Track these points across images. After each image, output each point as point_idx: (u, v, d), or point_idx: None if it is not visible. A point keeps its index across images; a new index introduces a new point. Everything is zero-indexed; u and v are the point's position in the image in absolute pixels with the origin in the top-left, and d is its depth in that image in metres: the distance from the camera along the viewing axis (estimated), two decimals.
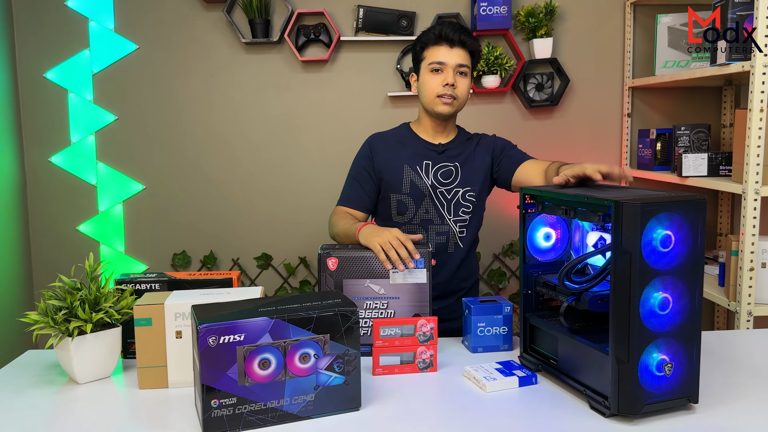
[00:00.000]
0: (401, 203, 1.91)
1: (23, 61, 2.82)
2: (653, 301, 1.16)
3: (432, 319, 1.44)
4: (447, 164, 1.93)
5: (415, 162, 1.93)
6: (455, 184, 1.92)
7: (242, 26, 2.82)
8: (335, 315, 1.21)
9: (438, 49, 1.86)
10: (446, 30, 1.86)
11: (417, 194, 1.91)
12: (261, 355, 1.17)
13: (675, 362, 1.18)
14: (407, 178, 1.91)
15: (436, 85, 1.87)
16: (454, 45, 1.86)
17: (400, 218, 1.92)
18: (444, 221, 1.91)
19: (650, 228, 1.15)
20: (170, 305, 1.36)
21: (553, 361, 1.39)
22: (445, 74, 1.85)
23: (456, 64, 1.85)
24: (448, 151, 1.95)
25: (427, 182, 1.91)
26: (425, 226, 1.91)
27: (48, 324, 1.37)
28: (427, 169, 1.92)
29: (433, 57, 1.87)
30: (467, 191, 1.92)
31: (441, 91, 1.86)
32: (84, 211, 2.89)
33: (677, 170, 2.45)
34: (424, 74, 1.89)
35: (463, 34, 1.86)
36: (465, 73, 1.88)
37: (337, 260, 1.56)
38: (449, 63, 1.85)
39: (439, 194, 1.91)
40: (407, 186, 1.91)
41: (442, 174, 1.92)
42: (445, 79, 1.85)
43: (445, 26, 1.87)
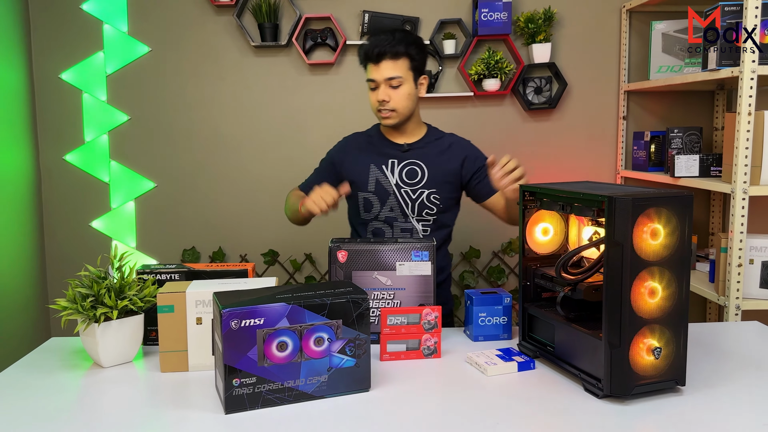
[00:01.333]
0: (367, 201, 1.97)
1: (39, 62, 2.87)
2: (643, 289, 1.23)
3: (436, 308, 1.52)
4: (412, 163, 1.97)
5: (381, 161, 1.97)
6: (421, 185, 1.95)
7: (252, 30, 2.87)
8: (347, 302, 1.29)
9: (369, 68, 1.90)
10: (368, 49, 1.87)
11: (382, 192, 1.96)
12: (279, 338, 1.25)
13: (664, 347, 1.25)
14: (373, 177, 1.96)
15: (373, 101, 1.92)
16: (378, 61, 1.87)
17: (367, 215, 1.99)
18: (408, 220, 1.96)
19: (641, 221, 1.22)
20: (191, 293, 1.43)
21: (550, 347, 1.46)
22: (378, 90, 1.90)
23: (384, 79, 1.87)
24: (414, 150, 1.98)
25: (392, 180, 1.95)
26: (390, 222, 1.96)
27: (76, 310, 1.43)
28: (393, 167, 1.96)
29: (367, 73, 1.91)
30: (432, 193, 1.95)
31: (378, 107, 1.91)
32: (97, 208, 2.95)
33: (670, 171, 2.52)
34: (368, 89, 1.95)
35: (386, 45, 1.85)
36: (398, 85, 1.88)
37: (347, 253, 1.63)
38: (378, 80, 1.88)
39: (403, 193, 1.95)
40: (373, 184, 1.96)
41: (407, 173, 1.96)
42: (378, 96, 1.89)
43: (370, 43, 1.88)
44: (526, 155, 3.00)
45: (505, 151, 2.94)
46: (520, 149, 3.00)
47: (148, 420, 1.22)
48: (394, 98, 1.89)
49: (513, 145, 3.00)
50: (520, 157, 2.90)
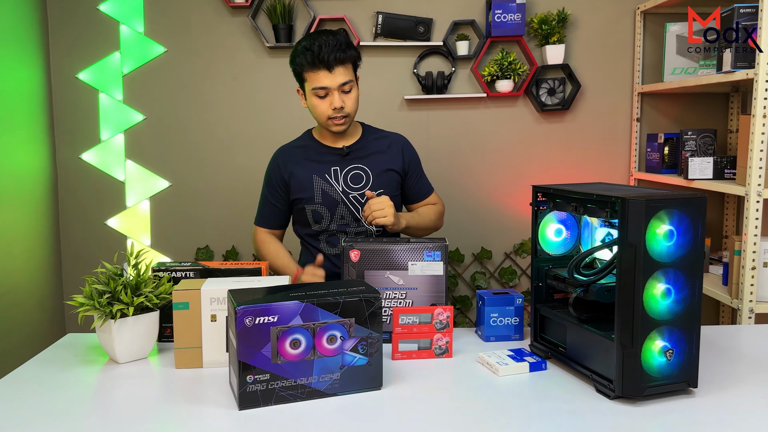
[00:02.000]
0: (316, 213, 1.94)
1: (56, 62, 2.90)
2: (656, 291, 1.23)
3: (448, 308, 1.53)
4: (355, 167, 1.94)
5: (323, 170, 1.92)
6: (367, 188, 1.93)
7: (266, 31, 2.89)
8: (360, 300, 1.30)
9: (318, 74, 1.80)
10: (321, 54, 1.77)
11: (330, 202, 1.92)
12: (292, 335, 1.26)
13: (676, 348, 1.25)
14: (318, 188, 1.92)
15: (325, 109, 1.84)
16: (332, 67, 1.79)
17: (317, 226, 1.95)
18: (360, 224, 1.95)
19: (654, 223, 1.22)
20: (206, 291, 1.44)
21: (561, 348, 1.46)
22: (330, 98, 1.82)
23: (339, 85, 1.81)
24: (354, 152, 1.96)
25: (338, 188, 1.92)
26: (343, 229, 1.95)
27: (93, 306, 1.45)
28: (336, 175, 1.93)
29: (315, 82, 1.81)
30: (380, 194, 1.93)
31: (331, 114, 1.84)
32: (112, 207, 2.97)
33: (684, 173, 2.51)
34: (311, 97, 1.85)
35: (338, 51, 1.78)
36: (350, 89, 1.84)
37: (360, 252, 1.64)
38: (332, 86, 1.81)
39: (352, 199, 1.93)
40: (319, 196, 1.92)
41: (351, 178, 1.93)
42: (332, 103, 1.82)
43: (318, 48, 1.77)
44: (540, 156, 3.00)
45: (518, 152, 2.98)
46: (533, 150, 3.00)
47: (163, 415, 1.23)
48: (348, 103, 1.85)
49: (526, 146, 3.00)
50: (533, 158, 3.00)
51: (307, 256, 2.03)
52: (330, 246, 1.97)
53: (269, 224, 2.04)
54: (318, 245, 1.98)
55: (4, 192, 2.52)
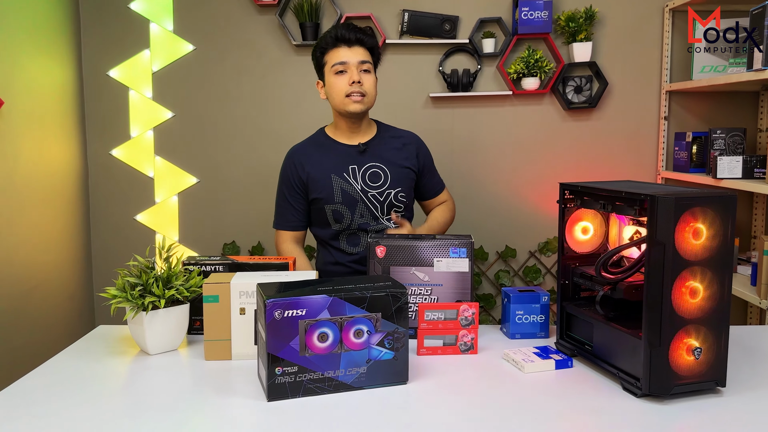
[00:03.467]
0: (336, 212, 1.94)
1: (88, 60, 2.95)
2: (684, 289, 1.23)
3: (474, 304, 1.53)
4: (373, 165, 1.95)
5: (341, 169, 1.93)
6: (386, 186, 1.94)
7: (293, 29, 2.91)
8: (387, 295, 1.31)
9: (338, 51, 1.87)
10: (341, 31, 1.87)
11: (350, 201, 1.92)
12: (320, 329, 1.27)
13: (704, 347, 1.24)
14: (337, 187, 1.92)
15: (343, 85, 1.87)
16: (352, 44, 1.87)
17: (338, 225, 1.95)
18: (379, 222, 1.96)
19: (683, 221, 1.21)
20: (236, 284, 1.46)
21: (588, 346, 1.45)
22: (350, 73, 1.87)
23: (358, 62, 1.87)
24: (370, 150, 1.96)
25: (357, 187, 1.92)
26: (363, 228, 1.95)
27: (125, 299, 1.48)
28: (354, 173, 1.93)
29: (335, 59, 1.88)
30: (398, 192, 1.95)
31: (349, 90, 1.87)
32: (141, 202, 3.01)
33: (712, 172, 2.48)
34: (329, 77, 1.90)
35: (359, 32, 1.88)
36: (368, 70, 1.89)
37: (385, 248, 1.65)
38: (351, 62, 1.87)
39: (371, 197, 1.94)
40: (339, 195, 1.92)
41: (369, 176, 1.94)
42: (350, 78, 1.86)
43: (340, 28, 1.88)
44: (565, 155, 2.99)
45: (544, 150, 2.97)
46: (559, 149, 2.99)
47: (194, 406, 1.26)
48: (367, 82, 1.88)
49: (552, 144, 2.99)
50: (559, 156, 2.99)
51: (326, 256, 2.03)
52: (350, 245, 1.98)
53: (292, 226, 2.02)
54: (338, 245, 1.98)
55: (36, 187, 2.58)
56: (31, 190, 2.53)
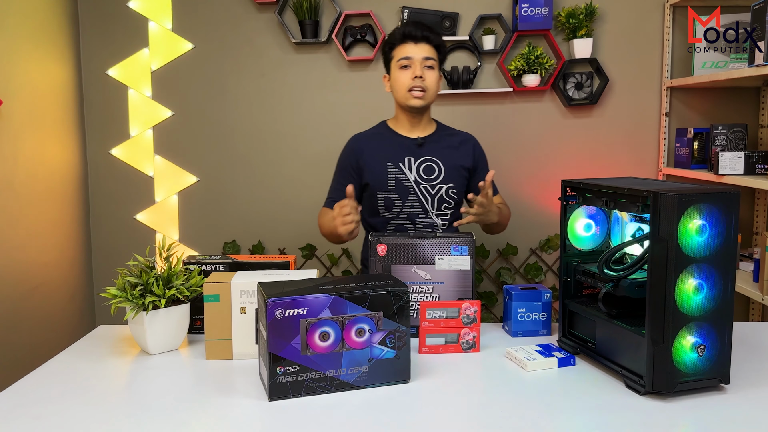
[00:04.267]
0: (388, 199, 1.98)
1: (87, 59, 2.94)
2: (687, 286, 1.22)
3: (475, 303, 1.53)
4: (428, 159, 1.99)
5: (397, 159, 1.99)
6: (439, 180, 1.98)
7: (292, 27, 2.90)
8: (388, 294, 1.31)
9: (404, 47, 1.96)
10: (410, 29, 1.95)
11: (402, 190, 1.97)
12: (321, 328, 1.27)
13: (707, 344, 1.24)
14: (391, 175, 1.98)
15: (405, 79, 1.95)
16: (418, 41, 1.95)
17: (388, 213, 2.00)
18: (428, 215, 1.99)
19: (686, 217, 1.21)
20: (236, 283, 1.46)
21: (590, 344, 1.45)
22: (413, 68, 1.94)
23: (422, 58, 1.94)
24: (427, 144, 2.02)
25: (411, 177, 1.97)
26: (412, 219, 1.98)
27: (126, 298, 1.47)
28: (410, 164, 1.99)
29: (400, 54, 1.96)
30: (450, 188, 1.99)
31: (411, 85, 1.94)
32: (141, 201, 3.01)
33: (714, 168, 2.48)
34: (395, 71, 1.98)
35: (426, 30, 1.96)
36: (432, 67, 1.96)
37: (387, 247, 1.65)
38: (416, 57, 1.94)
39: (423, 189, 1.98)
40: (392, 183, 1.97)
41: (424, 169, 1.98)
42: (413, 73, 1.94)
43: (409, 25, 1.97)
44: (566, 151, 2.98)
45: (545, 147, 2.96)
46: (560, 146, 2.98)
47: (195, 405, 1.25)
48: (429, 79, 1.95)
49: (552, 141, 2.98)
50: (560, 153, 2.98)
51: None
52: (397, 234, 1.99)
53: None
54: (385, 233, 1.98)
55: (36, 187, 2.57)
56: (30, 190, 2.53)
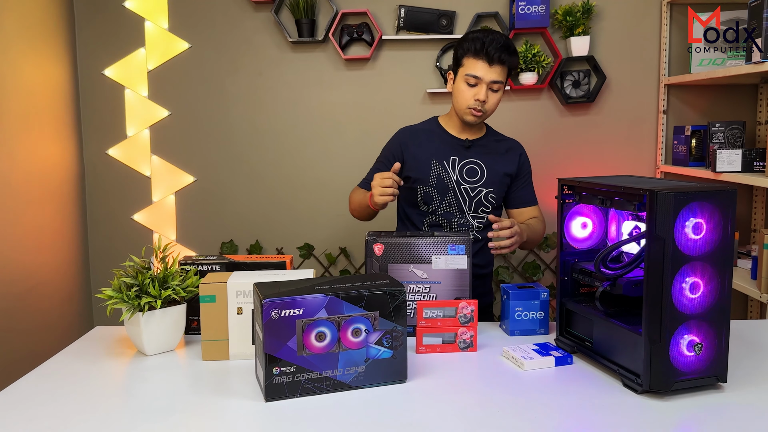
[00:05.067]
0: (427, 194, 1.97)
1: (83, 59, 2.93)
2: (684, 284, 1.22)
3: (472, 302, 1.52)
4: (472, 161, 1.97)
5: (442, 156, 1.97)
6: (480, 183, 1.96)
7: (289, 26, 2.90)
8: (385, 294, 1.30)
9: (476, 63, 1.86)
10: (489, 47, 1.84)
11: (442, 187, 1.96)
12: (317, 328, 1.26)
13: (705, 343, 1.24)
14: (434, 172, 1.96)
15: (468, 97, 1.89)
16: (493, 63, 1.85)
17: (426, 207, 1.98)
18: (464, 216, 1.97)
19: (683, 216, 1.20)
20: (232, 284, 1.45)
21: (588, 343, 1.44)
22: (479, 89, 1.87)
23: (491, 81, 1.86)
24: (475, 147, 1.99)
25: (453, 177, 1.95)
26: (448, 217, 1.97)
27: (121, 299, 1.47)
28: (454, 164, 1.96)
29: (470, 69, 1.87)
30: (490, 192, 1.97)
31: (472, 104, 1.88)
32: (138, 201, 3.00)
33: (711, 166, 2.47)
34: (460, 82, 1.91)
35: (504, 52, 1.85)
36: (497, 89, 1.89)
37: (383, 246, 1.64)
38: (485, 79, 1.86)
39: (462, 190, 1.96)
40: (434, 179, 1.95)
41: (467, 171, 1.96)
42: (477, 94, 1.87)
43: (489, 41, 1.85)
44: (564, 149, 2.97)
45: (542, 145, 2.96)
46: (558, 144, 2.97)
47: (191, 406, 1.25)
48: (491, 101, 1.90)
49: (550, 139, 2.97)
50: (557, 151, 2.98)
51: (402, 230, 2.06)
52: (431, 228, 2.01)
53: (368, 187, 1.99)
54: (420, 226, 2.01)
55: (32, 188, 2.56)
56: (27, 190, 2.52)
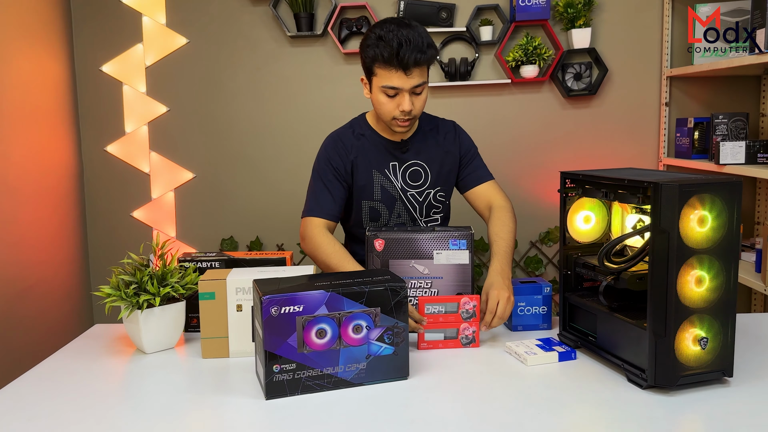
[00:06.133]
0: (374, 210, 1.83)
1: (80, 55, 2.92)
2: (689, 278, 1.20)
3: (474, 297, 1.51)
4: (414, 163, 1.82)
5: (383, 165, 1.80)
6: (426, 186, 1.83)
7: (287, 20, 2.88)
8: (386, 290, 1.29)
9: (391, 74, 1.63)
10: (401, 53, 1.59)
11: (388, 199, 1.82)
12: (318, 325, 1.25)
13: (710, 337, 1.22)
14: (377, 184, 1.81)
15: (391, 109, 1.68)
16: (409, 69, 1.61)
17: (373, 224, 1.83)
18: (416, 223, 1.86)
19: (687, 208, 1.19)
20: (232, 280, 1.44)
21: (591, 337, 1.43)
22: (400, 98, 1.66)
23: (412, 87, 1.65)
24: (412, 147, 1.83)
25: (397, 185, 1.81)
26: None
27: (120, 297, 1.45)
28: (395, 170, 1.82)
29: (385, 80, 1.64)
30: (438, 191, 1.85)
31: (398, 116, 1.69)
32: (138, 198, 2.99)
33: (715, 158, 2.45)
34: (378, 94, 1.69)
35: (419, 52, 1.60)
36: (421, 91, 1.68)
37: (384, 241, 1.62)
38: (405, 88, 1.64)
39: (410, 197, 1.83)
40: (378, 192, 1.81)
41: (410, 175, 1.82)
42: (400, 104, 1.66)
43: (398, 46, 1.59)
44: (566, 142, 2.96)
45: (544, 138, 2.95)
46: (559, 137, 2.96)
47: (192, 404, 1.24)
48: (417, 106, 1.69)
49: (552, 132, 2.96)
50: (559, 144, 2.97)
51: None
52: None
53: (327, 214, 1.77)
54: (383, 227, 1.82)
55: (31, 185, 2.55)
56: (25, 188, 2.50)
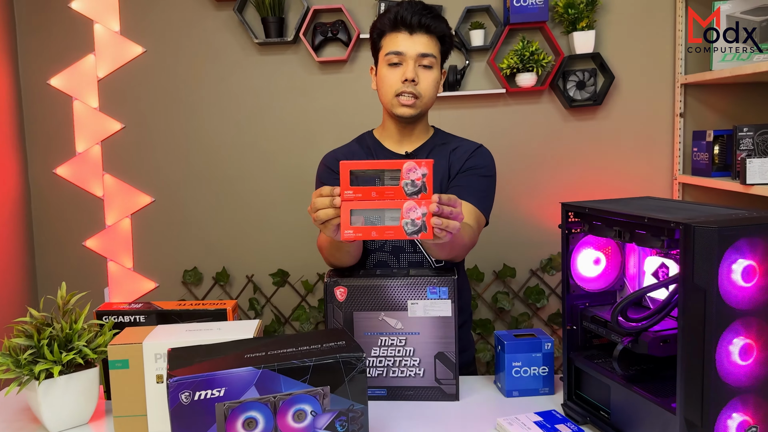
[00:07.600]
0: None
1: (26, 66, 2.82)
2: (733, 348, 0.98)
3: (427, 162, 1.15)
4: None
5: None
6: None
7: (255, 26, 2.75)
8: (337, 362, 1.03)
9: (396, 37, 1.58)
10: (404, 12, 1.56)
11: None
12: (246, 413, 1.00)
13: (761, 425, 0.99)
14: None
15: (394, 81, 1.59)
16: (414, 30, 1.56)
17: (370, 245, 1.67)
18: (417, 248, 1.64)
19: (729, 258, 0.95)
20: (149, 345, 1.21)
21: (604, 413, 1.19)
22: (405, 67, 1.57)
23: (417, 54, 1.56)
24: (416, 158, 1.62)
25: None
26: (396, 254, 1.64)
27: (12, 365, 1.23)
28: None
29: (390, 46, 1.58)
30: None
31: (400, 89, 1.58)
32: (90, 226, 2.88)
33: (740, 177, 2.24)
34: (382, 68, 1.62)
35: (426, 15, 1.57)
36: (430, 66, 1.59)
37: (346, 290, 1.37)
38: (409, 53, 1.56)
39: None
40: None
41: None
42: (403, 74, 1.57)
43: (404, 7, 1.57)
44: (568, 159, 2.79)
45: (544, 155, 2.74)
46: (561, 153, 2.78)
47: None
48: (423, 81, 1.58)
49: (552, 148, 2.78)
50: (561, 161, 2.73)
51: None
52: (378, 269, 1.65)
53: None
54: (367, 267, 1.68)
55: None
56: None
